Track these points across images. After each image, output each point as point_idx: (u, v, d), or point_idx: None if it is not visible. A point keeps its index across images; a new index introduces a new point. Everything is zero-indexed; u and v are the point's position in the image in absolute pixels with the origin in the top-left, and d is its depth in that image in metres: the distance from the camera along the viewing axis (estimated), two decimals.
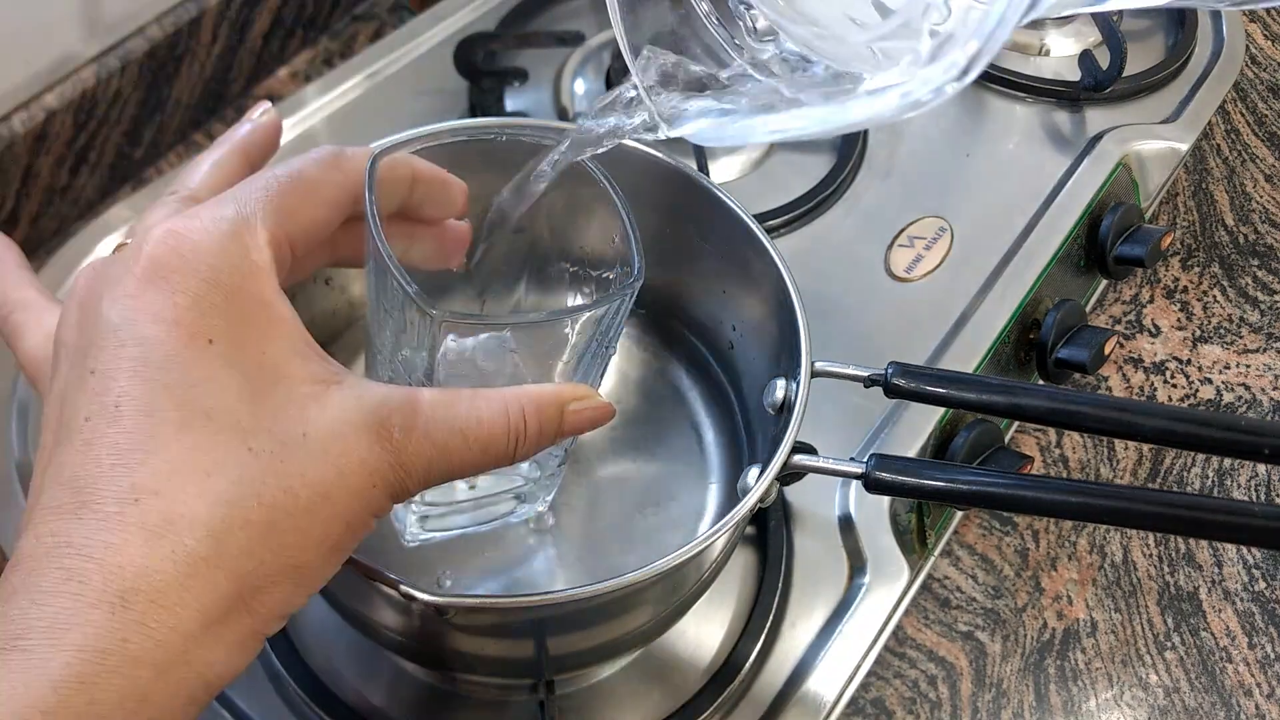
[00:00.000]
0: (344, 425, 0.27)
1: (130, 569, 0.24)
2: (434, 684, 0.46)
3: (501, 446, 0.29)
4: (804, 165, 0.63)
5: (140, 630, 0.23)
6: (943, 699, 0.51)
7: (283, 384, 0.27)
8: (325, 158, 0.31)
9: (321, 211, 0.30)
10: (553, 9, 0.71)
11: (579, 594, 0.32)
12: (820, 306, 0.56)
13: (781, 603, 0.48)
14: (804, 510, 0.50)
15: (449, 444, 0.28)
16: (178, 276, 0.26)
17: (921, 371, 0.39)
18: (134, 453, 0.25)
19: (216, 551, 0.25)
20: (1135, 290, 0.68)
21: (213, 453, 0.25)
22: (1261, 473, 0.60)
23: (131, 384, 0.25)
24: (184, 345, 0.26)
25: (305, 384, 0.27)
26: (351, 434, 0.27)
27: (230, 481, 0.25)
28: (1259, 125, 0.76)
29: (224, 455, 0.25)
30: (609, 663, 0.46)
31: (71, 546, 0.24)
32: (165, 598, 0.24)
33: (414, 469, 0.28)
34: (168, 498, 0.24)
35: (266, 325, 0.28)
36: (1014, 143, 0.66)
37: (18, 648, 0.23)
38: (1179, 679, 0.53)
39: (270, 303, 0.28)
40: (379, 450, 0.27)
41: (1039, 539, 0.56)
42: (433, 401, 0.28)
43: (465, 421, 0.28)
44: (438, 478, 0.28)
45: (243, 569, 0.25)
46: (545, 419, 0.29)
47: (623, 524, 0.45)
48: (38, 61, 0.56)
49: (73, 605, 0.23)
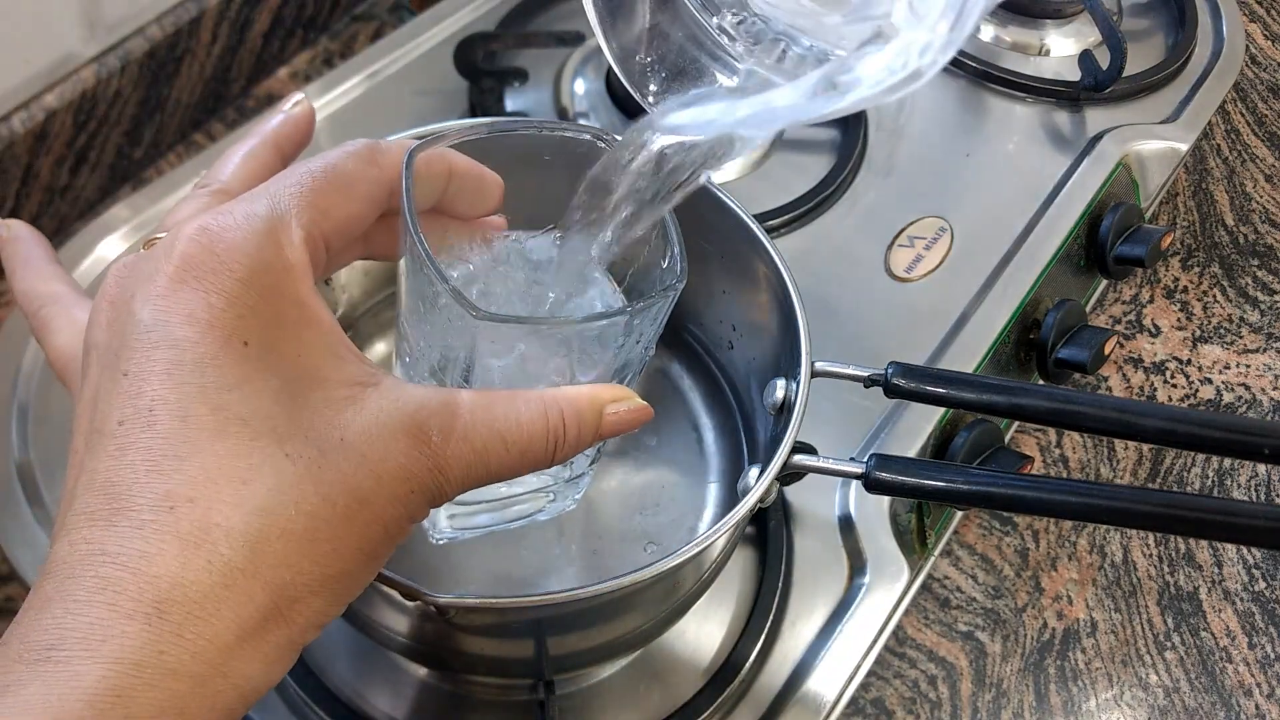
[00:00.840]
0: (382, 429, 0.26)
1: (166, 579, 0.23)
2: (434, 684, 0.46)
3: (540, 450, 0.28)
4: (804, 165, 0.63)
5: (177, 642, 0.23)
6: (943, 699, 0.51)
7: (319, 387, 0.26)
8: (360, 151, 0.30)
9: (357, 207, 0.30)
10: (553, 9, 0.71)
11: (579, 594, 0.32)
12: (820, 306, 0.56)
13: (781, 603, 0.48)
14: (804, 510, 0.50)
15: (488, 448, 0.27)
16: (212, 276, 0.26)
17: (921, 371, 0.39)
18: (168, 459, 0.24)
19: (253, 561, 0.24)
20: (1135, 290, 0.68)
21: (249, 459, 0.25)
22: (1261, 473, 0.60)
23: (165, 387, 0.25)
24: (219, 348, 0.25)
25: (342, 387, 0.27)
26: (390, 438, 0.26)
27: (268, 489, 0.25)
28: (1259, 125, 0.76)
29: (261, 461, 0.25)
30: (609, 663, 0.46)
31: (106, 555, 0.23)
32: (201, 609, 0.23)
33: (452, 473, 0.27)
34: (203, 505, 0.24)
35: (302, 326, 0.27)
36: (1014, 143, 0.66)
37: (52, 658, 0.22)
38: (1179, 679, 0.53)
39: (306, 303, 0.27)
40: (417, 455, 0.26)
41: (1039, 539, 0.56)
42: (471, 404, 0.27)
43: (505, 425, 0.28)
44: (475, 482, 0.28)
45: (280, 579, 0.25)
46: (584, 422, 0.29)
47: (623, 524, 0.45)
48: (38, 61, 0.56)
49: (108, 616, 0.23)
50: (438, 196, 0.33)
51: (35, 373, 0.52)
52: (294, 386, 0.26)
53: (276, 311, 0.26)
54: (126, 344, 0.26)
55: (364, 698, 0.45)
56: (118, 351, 0.26)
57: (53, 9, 0.56)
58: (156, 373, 0.25)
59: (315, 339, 0.27)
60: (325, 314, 0.28)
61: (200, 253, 0.26)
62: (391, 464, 0.26)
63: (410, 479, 0.26)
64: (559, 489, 0.39)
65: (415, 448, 0.26)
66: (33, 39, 0.56)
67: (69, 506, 0.25)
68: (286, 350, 0.26)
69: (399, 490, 0.26)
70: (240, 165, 0.31)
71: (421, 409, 0.27)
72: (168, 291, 0.26)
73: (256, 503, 0.24)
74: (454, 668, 0.44)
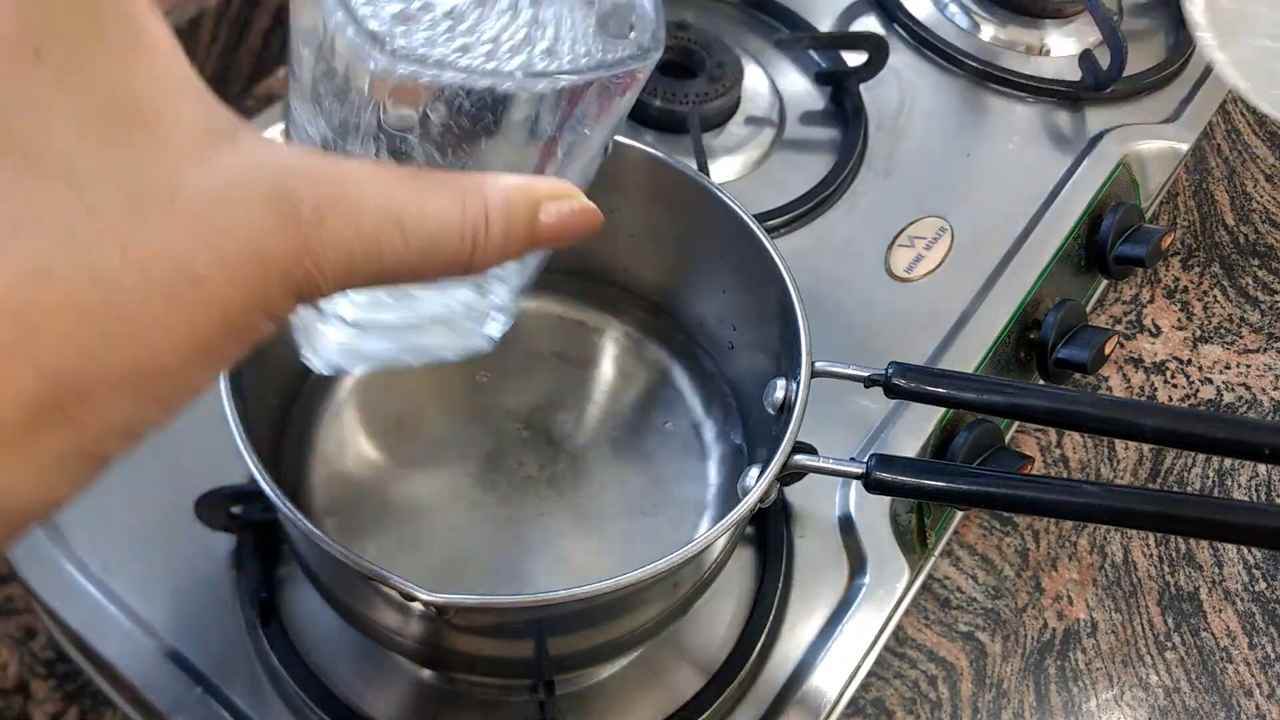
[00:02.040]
0: (233, 191, 0.20)
1: None
2: (434, 684, 0.46)
3: (452, 247, 0.22)
4: (804, 165, 0.63)
5: None
6: (943, 699, 0.51)
7: (149, 127, 0.20)
8: None
9: None
10: None
11: (579, 594, 0.32)
12: (820, 306, 0.56)
13: (781, 603, 0.48)
14: (804, 510, 0.50)
15: (380, 236, 0.21)
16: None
17: (921, 371, 0.39)
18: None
19: (20, 338, 0.18)
20: (1135, 290, 0.68)
21: (29, 205, 0.19)
22: (1261, 473, 0.60)
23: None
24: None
25: (183, 131, 0.20)
26: (243, 204, 0.20)
27: (50, 244, 0.19)
28: (1259, 125, 0.76)
29: (45, 210, 0.19)
30: (609, 662, 0.46)
31: None
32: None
33: (329, 263, 0.21)
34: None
35: (131, 46, 0.20)
36: (1014, 143, 0.66)
37: None
38: (1179, 679, 0.53)
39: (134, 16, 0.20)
40: (280, 231, 0.20)
41: (1039, 539, 0.56)
42: (362, 178, 0.21)
43: (406, 209, 0.22)
44: (361, 279, 0.22)
45: (60, 365, 0.19)
46: (513, 218, 0.23)
47: (623, 524, 0.45)
48: None
49: None
50: None
51: None
52: (110, 122, 0.20)
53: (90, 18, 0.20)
54: None
55: (364, 698, 0.44)
56: None
57: None
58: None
59: (148, 65, 0.20)
60: (165, 36, 0.21)
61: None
62: (241, 237, 0.20)
63: (266, 260, 0.20)
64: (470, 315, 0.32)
65: (279, 222, 0.20)
66: None
67: None
68: (102, 73, 0.20)
69: (249, 272, 0.20)
70: None
71: (291, 174, 0.21)
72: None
73: (34, 262, 0.18)
74: (453, 668, 0.44)
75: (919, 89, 0.68)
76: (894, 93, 0.67)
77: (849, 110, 0.65)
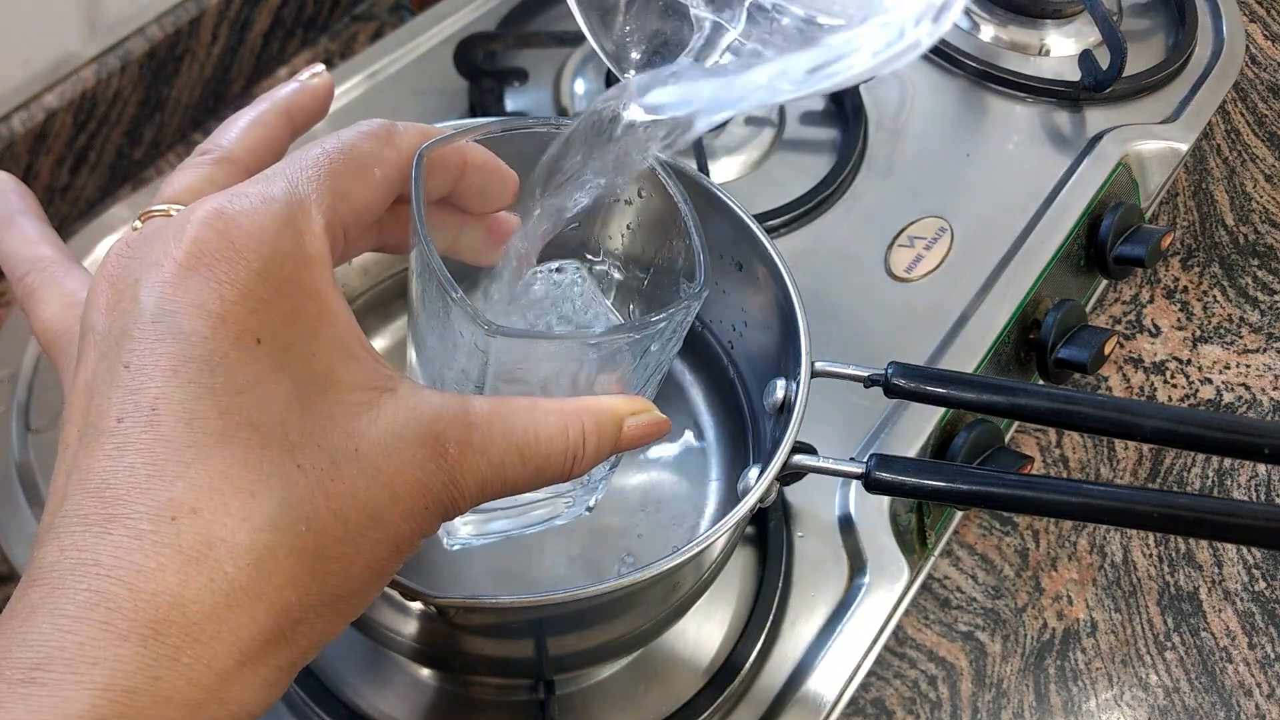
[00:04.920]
0: (398, 440, 0.24)
1: (165, 597, 0.21)
2: (434, 684, 0.46)
3: (558, 465, 0.27)
4: (804, 165, 0.63)
5: (172, 667, 0.21)
6: (943, 699, 0.51)
7: (333, 391, 0.24)
8: (378, 132, 0.28)
9: (375, 193, 0.28)
10: (553, 9, 0.71)
11: (579, 594, 0.32)
12: (820, 306, 0.56)
13: (781, 603, 0.48)
14: (804, 510, 0.50)
15: (505, 462, 0.26)
16: (225, 265, 0.23)
17: (921, 371, 0.39)
18: (171, 464, 0.22)
19: (259, 581, 0.22)
20: (1135, 290, 0.68)
21: (258, 469, 0.23)
22: (1261, 473, 0.60)
23: (170, 385, 0.23)
24: (230, 344, 0.23)
25: (357, 391, 0.25)
26: (407, 450, 0.24)
27: (277, 502, 0.23)
28: (1259, 125, 0.76)
29: (270, 472, 0.23)
30: (609, 663, 0.46)
31: (99, 565, 0.21)
32: (201, 631, 0.21)
33: (467, 488, 0.26)
34: (207, 518, 0.22)
35: (318, 323, 0.25)
36: (1014, 143, 0.66)
37: (37, 680, 0.20)
38: (1179, 679, 0.53)
39: (324, 297, 0.25)
40: (433, 469, 0.25)
41: (1039, 539, 0.56)
42: (488, 415, 0.26)
43: (522, 439, 0.26)
44: (490, 496, 0.26)
45: (286, 600, 0.23)
46: (603, 435, 0.28)
47: (623, 523, 0.45)
48: (38, 61, 0.56)
49: (100, 635, 0.21)
50: (450, 188, 0.31)
51: (35, 373, 0.52)
52: (307, 390, 0.24)
53: (293, 306, 0.24)
54: (129, 333, 0.23)
55: (364, 698, 0.45)
56: (118, 340, 0.24)
57: (53, 9, 0.56)
58: (161, 368, 0.23)
59: (331, 338, 0.25)
60: (343, 309, 0.26)
61: (214, 239, 0.24)
62: (407, 477, 0.24)
63: (425, 494, 0.25)
64: (576, 494, 0.39)
65: (432, 460, 0.25)
66: (33, 39, 0.56)
67: (58, 506, 0.23)
68: (301, 349, 0.24)
69: (413, 506, 0.25)
70: (246, 132, 0.29)
71: (439, 419, 0.25)
72: (176, 279, 0.23)
73: (265, 517, 0.23)
74: (454, 668, 0.44)
75: (919, 89, 0.68)
76: (894, 93, 0.67)
77: (849, 110, 0.65)
